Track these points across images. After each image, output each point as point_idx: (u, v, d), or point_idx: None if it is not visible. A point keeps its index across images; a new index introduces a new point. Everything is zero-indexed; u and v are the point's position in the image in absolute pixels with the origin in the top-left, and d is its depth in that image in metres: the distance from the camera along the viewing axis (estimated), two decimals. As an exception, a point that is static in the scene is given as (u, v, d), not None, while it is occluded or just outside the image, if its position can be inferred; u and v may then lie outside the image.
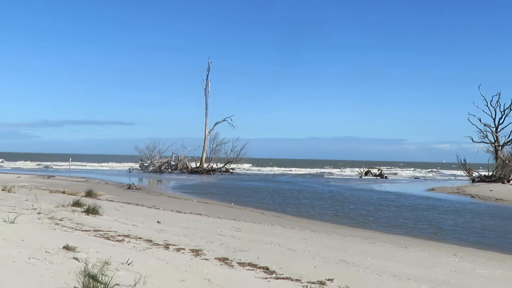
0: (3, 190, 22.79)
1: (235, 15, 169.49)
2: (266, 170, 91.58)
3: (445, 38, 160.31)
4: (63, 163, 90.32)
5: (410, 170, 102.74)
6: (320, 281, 8.51)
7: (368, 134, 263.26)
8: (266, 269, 9.20)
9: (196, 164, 73.34)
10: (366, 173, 75.00)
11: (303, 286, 8.13)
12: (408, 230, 19.79)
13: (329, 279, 8.70)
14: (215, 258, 9.79)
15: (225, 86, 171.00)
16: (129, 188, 34.17)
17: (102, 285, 6.09)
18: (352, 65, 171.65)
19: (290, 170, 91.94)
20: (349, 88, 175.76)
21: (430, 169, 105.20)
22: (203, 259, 9.67)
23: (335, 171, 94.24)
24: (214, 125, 76.09)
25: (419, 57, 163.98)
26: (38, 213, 14.11)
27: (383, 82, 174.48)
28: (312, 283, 8.37)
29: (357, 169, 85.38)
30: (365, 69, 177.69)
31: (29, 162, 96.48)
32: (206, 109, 75.80)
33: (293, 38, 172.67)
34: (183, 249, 10.52)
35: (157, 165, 71.26)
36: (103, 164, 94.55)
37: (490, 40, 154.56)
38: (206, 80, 75.72)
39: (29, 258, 7.58)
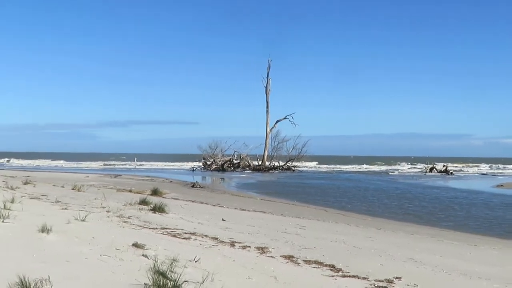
0: (73, 189, 23.59)
1: (294, 10, 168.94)
2: (329, 167, 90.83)
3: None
4: (128, 163, 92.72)
5: (476, 166, 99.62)
6: (388, 279, 8.39)
7: (432, 130, 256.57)
8: (332, 267, 9.14)
9: (258, 162, 73.59)
10: (430, 170, 73.22)
11: (371, 284, 8.03)
12: (476, 228, 19.18)
13: (396, 277, 8.56)
14: (280, 256, 9.80)
15: (286, 83, 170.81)
16: (193, 186, 34.60)
17: (171, 282, 6.18)
18: (417, 60, 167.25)
19: (353, 168, 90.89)
20: (413, 83, 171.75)
21: (497, 165, 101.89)
22: (268, 256, 9.69)
23: (399, 167, 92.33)
24: (275, 123, 76.14)
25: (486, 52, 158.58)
26: (107, 212, 14.50)
27: (449, 77, 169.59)
28: (380, 281, 8.26)
29: (421, 165, 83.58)
30: (432, 64, 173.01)
31: (97, 162, 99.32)
32: (267, 107, 75.90)
33: (354, 33, 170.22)
34: (249, 246, 10.58)
35: (219, 163, 71.83)
36: (167, 163, 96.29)
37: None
38: (267, 78, 75.82)
39: (100, 255, 7.80)
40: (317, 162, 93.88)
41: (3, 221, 9.93)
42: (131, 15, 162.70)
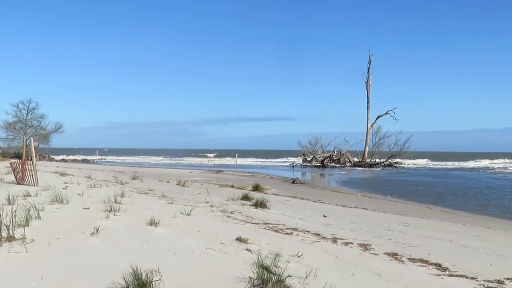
0: (177, 184, 24.40)
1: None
2: (440, 164, 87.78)
3: None
4: (229, 159, 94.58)
5: None
6: (498, 280, 8.02)
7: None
8: (438, 265, 8.87)
9: (358, 158, 72.77)
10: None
11: (480, 285, 7.71)
12: None
13: (508, 278, 8.17)
14: (384, 253, 9.63)
15: (388, 78, 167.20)
16: (293, 182, 34.74)
17: (275, 276, 6.23)
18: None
19: (458, 164, 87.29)
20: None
21: None
22: (372, 253, 9.56)
23: (509, 164, 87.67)
24: (376, 118, 74.95)
25: None
26: (211, 206, 14.86)
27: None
28: (489, 281, 7.92)
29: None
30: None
31: (199, 158, 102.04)
32: (367, 103, 74.82)
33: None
34: (351, 243, 10.48)
35: (319, 159, 71.67)
36: (266, 159, 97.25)
37: None
38: (367, 73, 74.77)
39: (206, 249, 8.00)
40: (428, 159, 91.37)
41: (114, 214, 10.42)
42: (233, 15, 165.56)
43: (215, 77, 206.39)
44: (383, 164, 70.52)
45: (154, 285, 5.74)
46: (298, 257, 7.99)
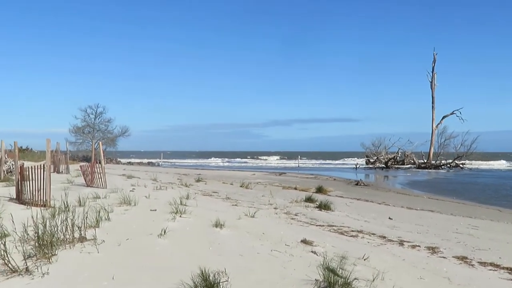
0: (241, 186, 24.57)
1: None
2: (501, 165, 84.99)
3: None
4: (291, 161, 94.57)
5: None
6: None
7: None
8: (510, 270, 8.56)
9: (423, 159, 71.23)
10: None
11: (557, 291, 7.40)
12: None
13: None
14: (453, 257, 9.39)
15: (453, 77, 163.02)
16: (357, 184, 34.37)
17: (342, 279, 6.18)
18: None
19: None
20: None
21: None
22: (440, 257, 9.33)
23: None
24: (442, 118, 73.06)
25: None
26: (275, 208, 14.90)
27: None
28: None
29: None
30: None
31: (261, 160, 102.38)
32: (432, 103, 73.04)
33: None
34: (418, 246, 10.27)
35: (383, 161, 70.61)
36: (328, 160, 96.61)
37: None
38: (432, 72, 72.96)
39: (271, 250, 8.02)
40: (504, 160, 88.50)
41: (180, 216, 10.60)
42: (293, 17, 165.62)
43: (276, 79, 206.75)
44: (449, 166, 68.73)
45: (221, 286, 5.80)
46: (364, 259, 7.89)
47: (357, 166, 72.41)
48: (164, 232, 8.53)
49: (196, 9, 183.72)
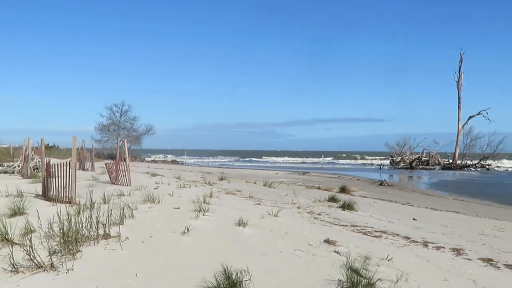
0: (264, 185, 24.57)
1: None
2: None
3: None
4: (315, 160, 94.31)
5: None
6: None
7: None
8: (538, 273, 8.43)
9: (448, 160, 70.46)
10: None
11: None
12: None
13: None
14: (478, 258, 9.27)
15: (481, 77, 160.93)
16: (381, 184, 34.13)
17: (365, 280, 6.14)
18: None
19: None
20: None
21: None
22: (465, 258, 9.22)
23: None
24: (468, 119, 72.17)
25: None
26: (298, 208, 14.86)
27: None
28: None
29: None
30: None
31: (284, 158, 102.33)
32: (458, 103, 72.18)
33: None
34: (443, 247, 10.16)
35: (407, 161, 70.03)
36: (352, 160, 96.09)
37: None
38: (459, 72, 72.08)
39: (294, 250, 8.01)
40: None
41: (203, 214, 10.64)
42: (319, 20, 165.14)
43: (300, 79, 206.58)
44: (475, 166, 67.88)
45: (244, 285, 5.80)
46: (388, 260, 7.83)
47: (381, 166, 71.88)
48: (188, 230, 8.57)
49: (226, 10, 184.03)
